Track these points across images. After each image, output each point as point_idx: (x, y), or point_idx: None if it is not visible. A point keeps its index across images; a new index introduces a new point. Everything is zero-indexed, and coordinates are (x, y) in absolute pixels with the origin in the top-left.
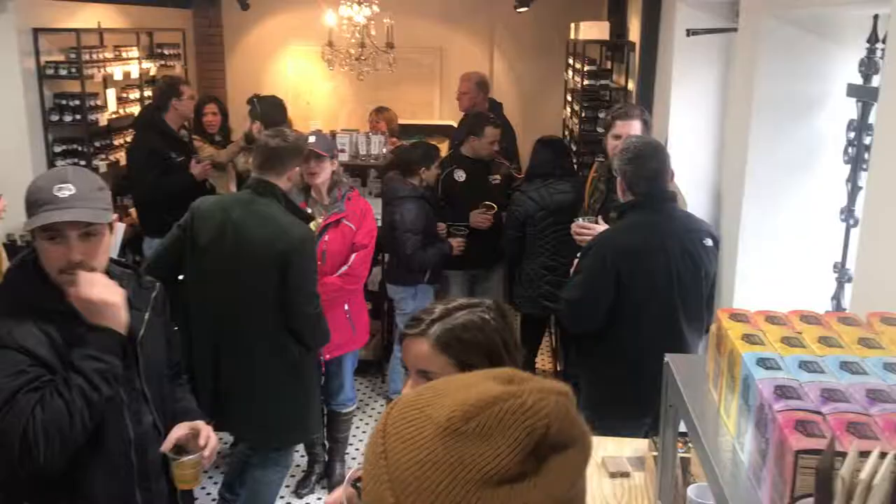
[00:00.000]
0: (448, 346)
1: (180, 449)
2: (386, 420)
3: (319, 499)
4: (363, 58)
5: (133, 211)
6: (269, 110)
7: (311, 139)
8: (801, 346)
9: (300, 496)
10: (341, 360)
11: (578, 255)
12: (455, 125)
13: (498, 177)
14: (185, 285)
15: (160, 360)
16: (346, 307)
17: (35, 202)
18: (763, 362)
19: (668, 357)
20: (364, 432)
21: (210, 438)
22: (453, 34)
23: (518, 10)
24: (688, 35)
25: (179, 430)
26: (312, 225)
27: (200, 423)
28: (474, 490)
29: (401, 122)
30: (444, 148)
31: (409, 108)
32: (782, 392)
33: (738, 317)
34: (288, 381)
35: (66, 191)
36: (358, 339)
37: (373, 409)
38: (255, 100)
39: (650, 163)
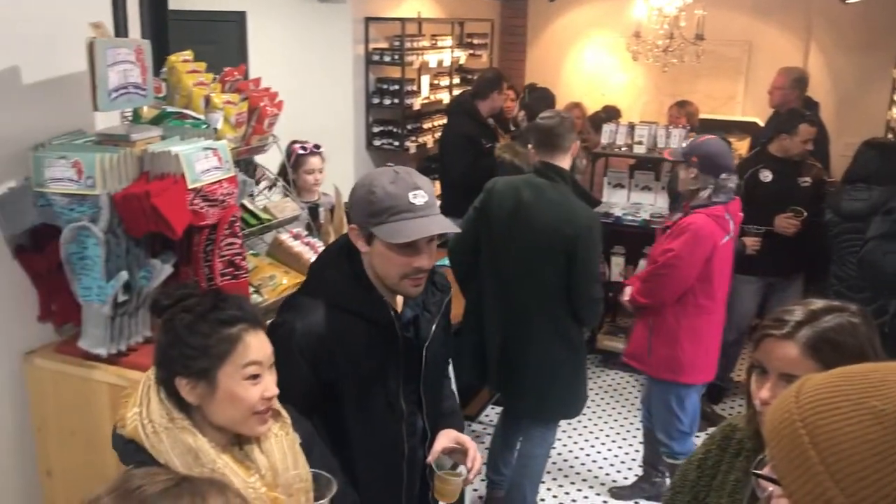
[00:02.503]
0: (819, 350)
1: (443, 459)
2: (797, 411)
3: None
4: (670, 49)
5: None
6: (534, 102)
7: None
8: None
9: None
10: None
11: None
12: (759, 122)
13: (808, 179)
14: (480, 263)
15: (441, 363)
16: None
17: (389, 209)
18: None
19: None
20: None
21: (476, 460)
22: (764, 27)
23: (846, 1)
24: None
25: (446, 441)
26: None
27: (467, 440)
28: None
29: (700, 116)
30: (742, 146)
31: (708, 102)
32: None
33: None
34: (565, 358)
35: (421, 197)
36: None
37: None
38: (527, 89)
39: None
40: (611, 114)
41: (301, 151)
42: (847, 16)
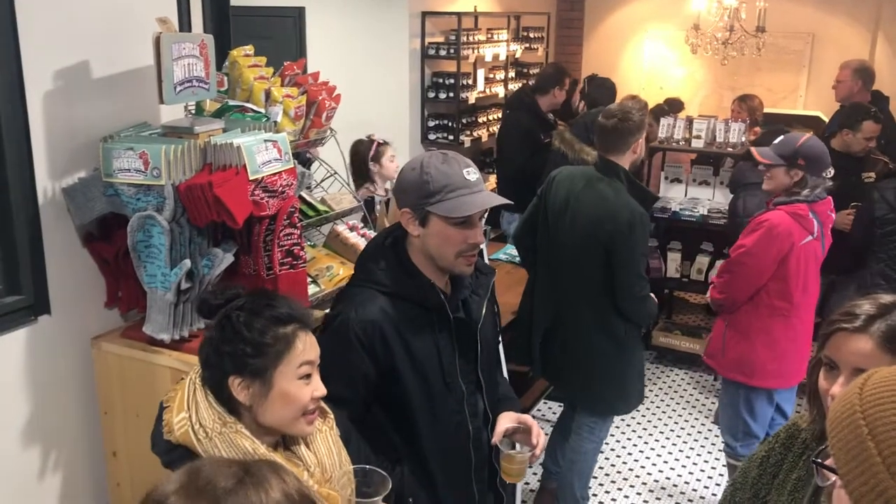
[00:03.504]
0: (894, 342)
1: (507, 439)
2: (859, 403)
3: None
4: (730, 42)
5: (490, 185)
6: (594, 91)
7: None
8: None
9: None
10: None
11: None
12: (823, 117)
13: (873, 175)
14: (537, 250)
15: (494, 345)
16: None
17: (445, 187)
18: None
19: None
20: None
21: (540, 436)
22: (828, 18)
23: None
24: None
25: (507, 421)
26: None
27: (530, 419)
28: None
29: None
30: None
31: (769, 95)
32: None
33: None
34: (611, 352)
35: (474, 174)
36: None
37: None
38: (587, 80)
39: None
40: (673, 106)
41: (381, 141)
42: None
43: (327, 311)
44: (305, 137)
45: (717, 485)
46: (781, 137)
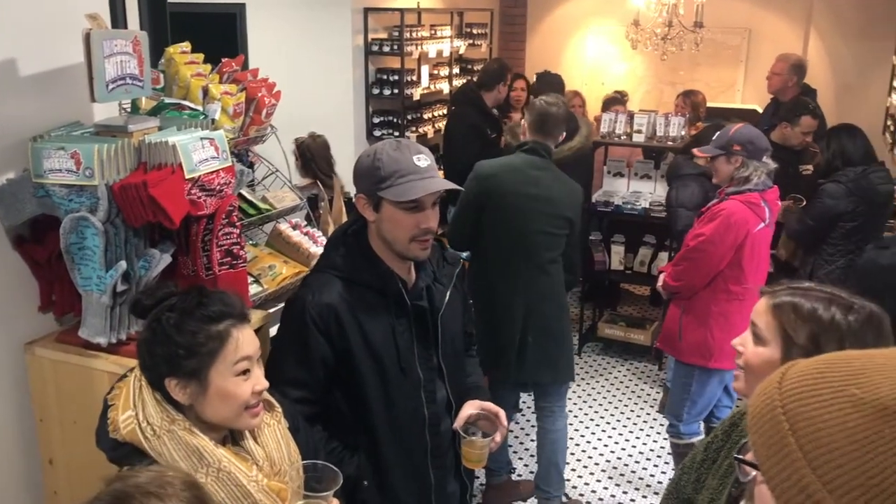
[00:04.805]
0: (779, 311)
1: (469, 426)
2: (779, 397)
3: None
4: (669, 38)
5: None
6: (541, 86)
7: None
8: None
9: None
10: None
11: None
12: (759, 110)
13: (810, 167)
14: (485, 248)
15: (458, 334)
16: None
17: (394, 172)
18: None
19: None
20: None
21: (503, 423)
22: (764, 13)
23: None
24: None
25: (471, 409)
26: None
27: (494, 406)
28: None
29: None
30: None
31: (708, 90)
32: None
33: None
34: (566, 327)
35: (424, 160)
36: None
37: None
38: (537, 75)
39: None
40: (620, 98)
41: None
42: (847, 2)
43: (270, 310)
44: (245, 135)
45: (663, 473)
46: (718, 132)
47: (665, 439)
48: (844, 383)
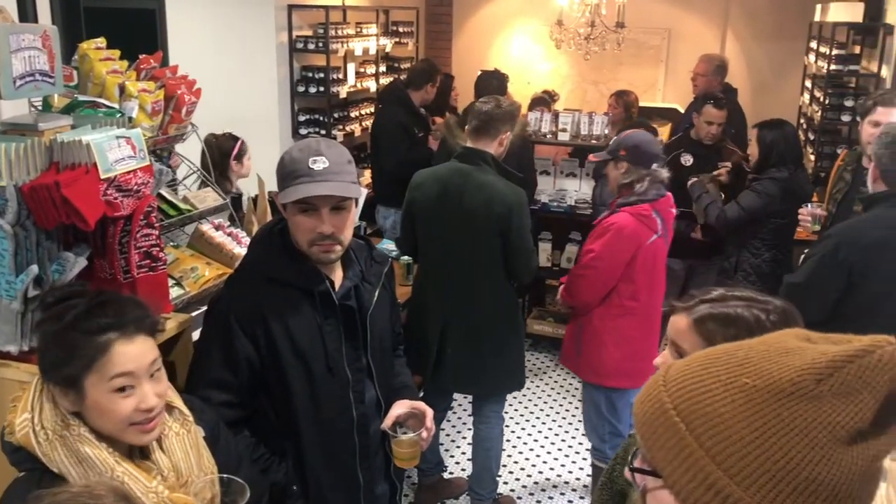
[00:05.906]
0: (706, 328)
1: (399, 426)
2: (668, 399)
3: None
4: (592, 37)
5: (365, 180)
6: (483, 84)
7: None
8: None
9: None
10: None
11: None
12: (679, 109)
13: (728, 164)
14: (420, 255)
15: (386, 333)
16: None
17: (290, 174)
18: None
19: None
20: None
21: (430, 421)
22: (684, 14)
23: None
24: None
25: (400, 408)
26: None
27: (423, 405)
28: (829, 448)
29: None
30: (664, 132)
31: (630, 89)
32: None
33: None
34: (510, 333)
35: (321, 163)
36: None
37: None
38: (480, 73)
39: None
40: (548, 98)
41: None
42: (761, 4)
43: (192, 313)
44: (164, 133)
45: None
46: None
47: None
48: (733, 374)
